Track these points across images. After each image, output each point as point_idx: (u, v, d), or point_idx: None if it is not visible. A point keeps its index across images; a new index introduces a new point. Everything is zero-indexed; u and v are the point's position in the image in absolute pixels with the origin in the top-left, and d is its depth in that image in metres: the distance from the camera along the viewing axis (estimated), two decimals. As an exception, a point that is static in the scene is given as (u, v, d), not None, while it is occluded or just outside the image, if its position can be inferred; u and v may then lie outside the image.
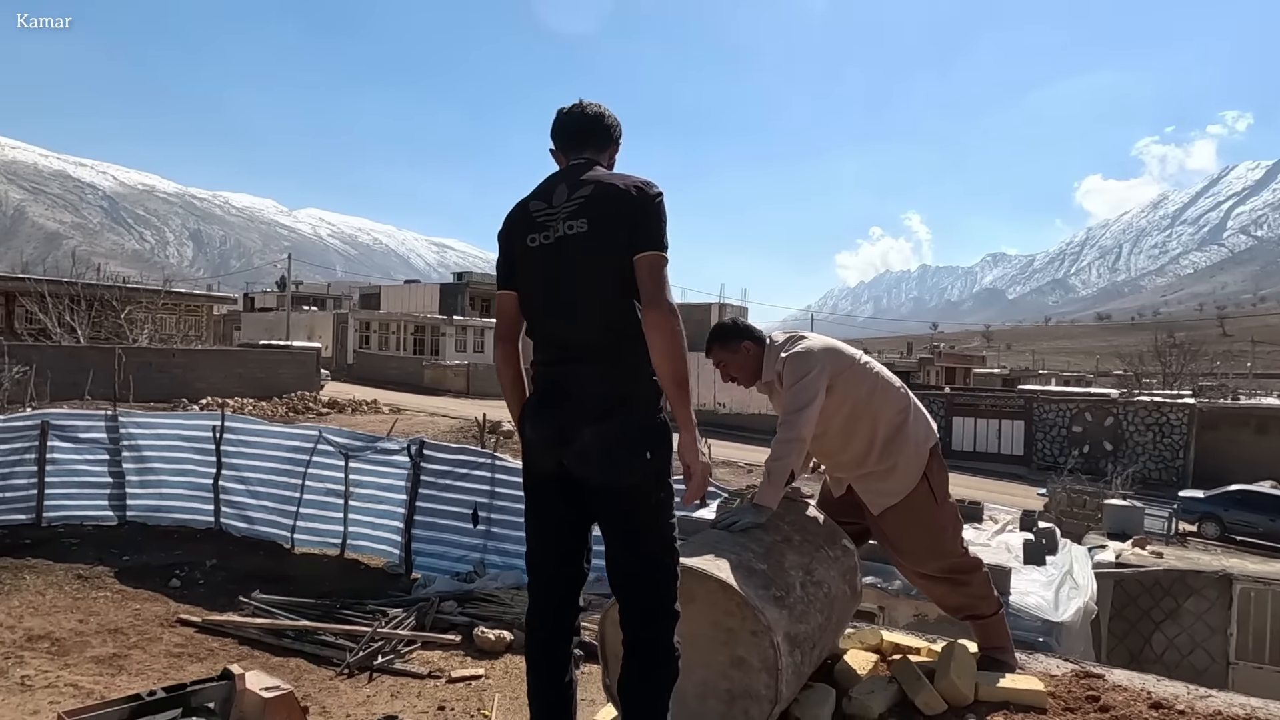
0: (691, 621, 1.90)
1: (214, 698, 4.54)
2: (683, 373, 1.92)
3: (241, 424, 11.31)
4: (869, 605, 5.94)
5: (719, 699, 1.87)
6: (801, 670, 1.94)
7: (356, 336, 42.58)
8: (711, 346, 2.83)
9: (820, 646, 2.12)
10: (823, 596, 2.16)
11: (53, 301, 23.98)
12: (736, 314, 39.43)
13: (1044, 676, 2.62)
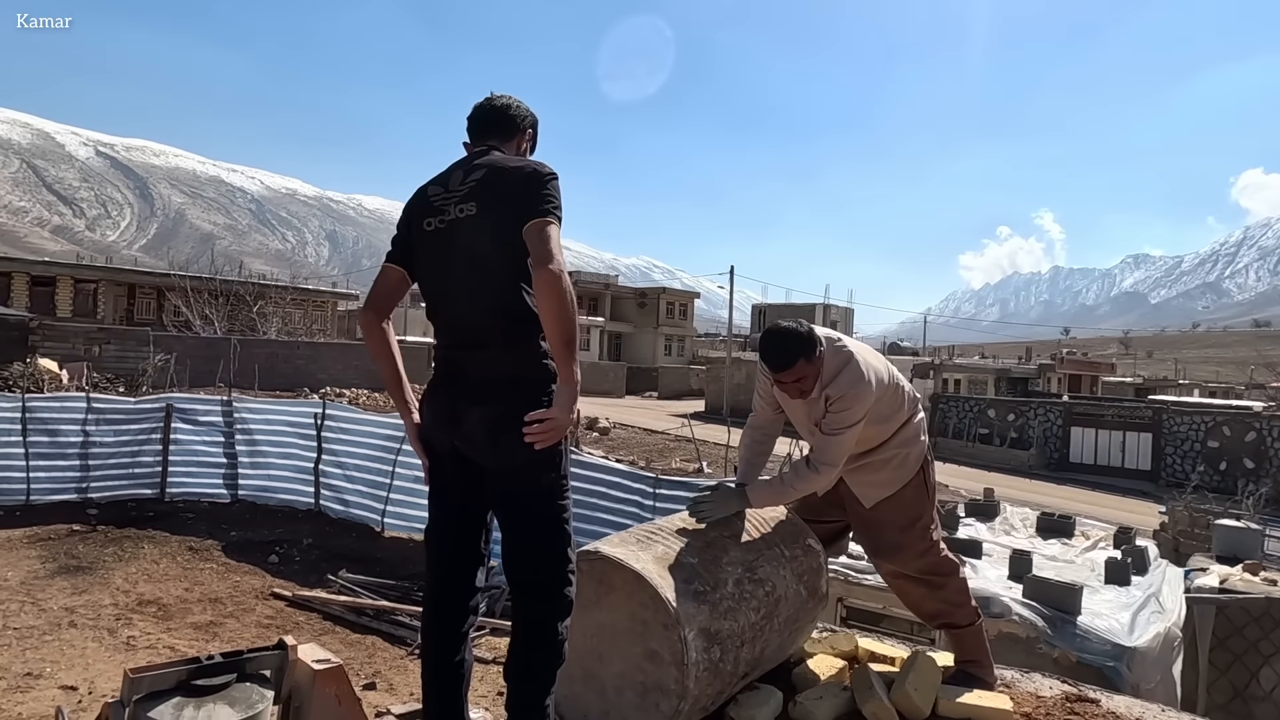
0: (612, 611, 1.90)
1: (268, 665, 4.82)
2: (570, 333, 1.88)
3: (340, 412, 11.95)
4: (906, 614, 5.71)
5: (634, 690, 1.85)
6: (721, 669, 1.89)
7: (469, 333, 44.22)
8: (796, 360, 2.42)
9: (759, 646, 2.05)
10: (763, 595, 2.09)
11: (194, 296, 26.01)
12: (842, 316, 38.53)
13: (1027, 696, 2.45)
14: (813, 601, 2.33)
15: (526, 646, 1.86)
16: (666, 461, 20.00)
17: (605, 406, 32.87)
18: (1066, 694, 2.52)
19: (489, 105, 2.22)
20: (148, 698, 4.95)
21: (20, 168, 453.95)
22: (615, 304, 53.55)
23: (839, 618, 6.00)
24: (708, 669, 1.84)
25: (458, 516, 2.04)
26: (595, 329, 49.21)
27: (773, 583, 2.15)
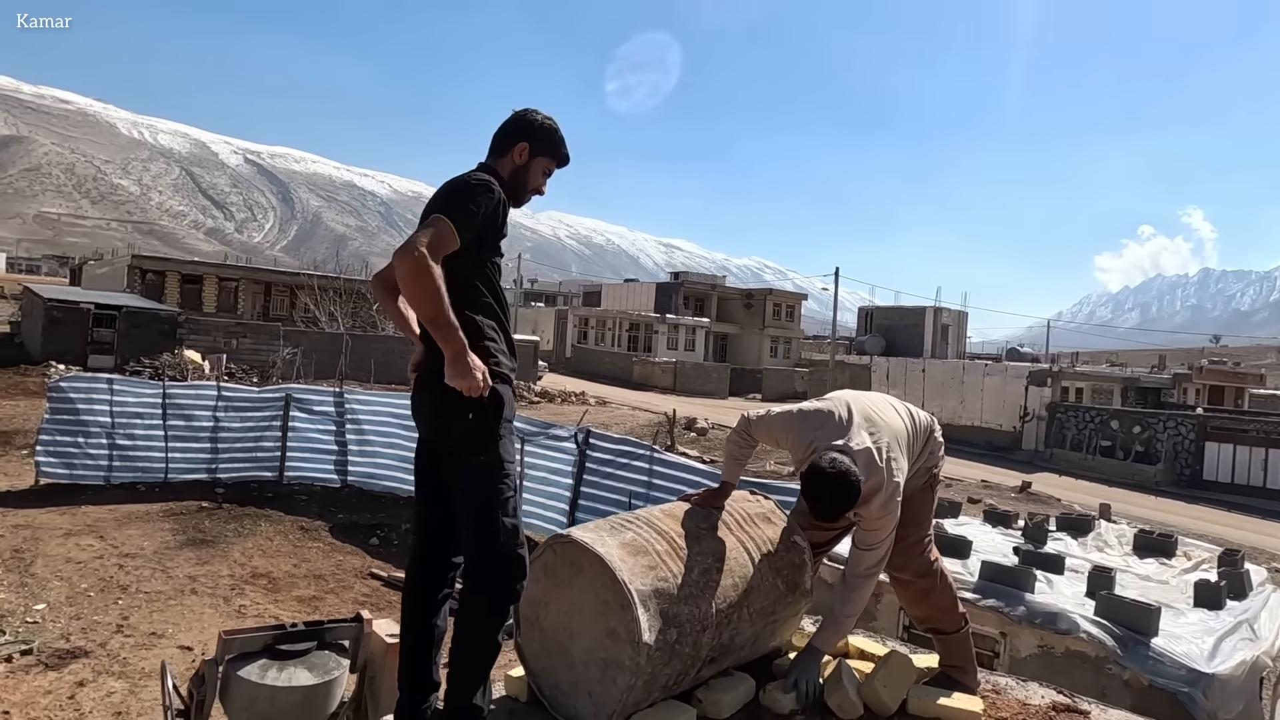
0: (581, 591, 2.04)
1: (346, 636, 5.22)
2: (426, 311, 2.02)
3: (363, 394, 12.59)
4: (989, 630, 5.55)
5: (597, 665, 1.99)
6: (679, 650, 2.00)
7: (575, 331, 45.11)
8: (845, 514, 2.32)
9: (726, 633, 2.15)
10: (730, 584, 2.18)
11: (321, 295, 27.78)
12: (954, 320, 37.07)
13: (1012, 703, 2.42)
14: (793, 596, 2.40)
15: (455, 634, 2.08)
16: (761, 464, 19.90)
17: (706, 407, 32.94)
18: (1055, 704, 2.48)
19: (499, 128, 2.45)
20: (239, 658, 5.45)
21: (180, 175, 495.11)
22: (722, 305, 53.43)
23: (901, 626, 5.91)
24: (662, 649, 1.96)
25: (428, 493, 2.26)
26: (700, 330, 49.27)
27: (743, 573, 2.24)
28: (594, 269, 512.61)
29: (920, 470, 2.65)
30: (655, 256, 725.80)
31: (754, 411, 2.70)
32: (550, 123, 2.45)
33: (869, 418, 2.47)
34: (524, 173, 2.42)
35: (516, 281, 69.13)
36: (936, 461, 2.73)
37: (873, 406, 2.55)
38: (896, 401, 2.77)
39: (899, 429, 2.53)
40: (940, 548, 6.49)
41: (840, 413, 2.45)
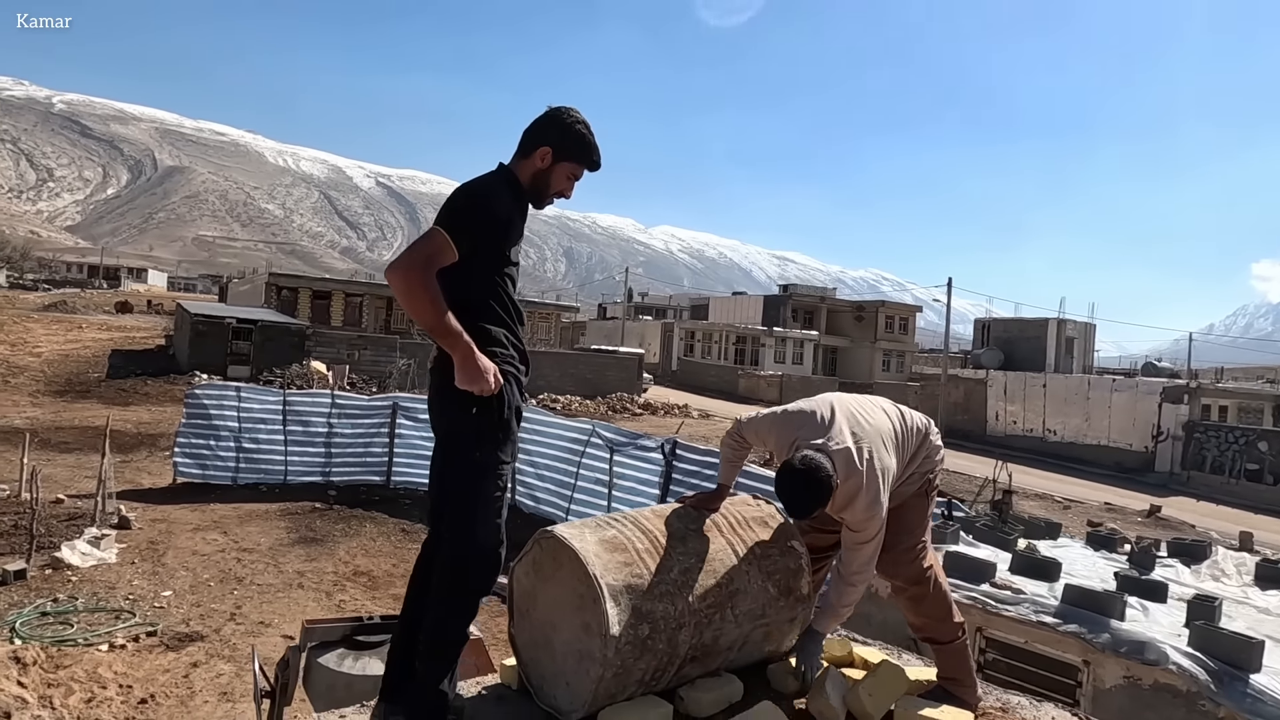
0: (561, 585, 2.11)
1: (419, 630, 5.45)
2: (425, 320, 2.10)
3: (534, 414, 12.94)
4: (1071, 657, 5.24)
5: (574, 657, 2.05)
6: (651, 646, 2.03)
7: (681, 344, 45.26)
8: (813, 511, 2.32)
9: (708, 633, 2.16)
10: (714, 585, 2.19)
11: (435, 308, 29.11)
12: (1080, 332, 34.90)
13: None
14: (786, 600, 2.39)
15: (439, 596, 2.15)
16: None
17: (811, 421, 32.29)
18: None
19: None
20: (319, 646, 5.82)
21: (319, 198, 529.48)
22: (831, 317, 52.37)
23: (978, 649, 5.67)
24: (632, 643, 2.01)
25: (438, 488, 2.34)
26: (809, 343, 48.42)
27: (730, 575, 2.26)
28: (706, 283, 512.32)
29: (914, 475, 2.59)
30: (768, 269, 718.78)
31: (746, 414, 2.71)
32: (580, 126, 2.36)
33: (852, 418, 2.45)
34: (545, 177, 2.37)
35: (627, 295, 69.96)
36: (933, 466, 2.65)
37: (858, 407, 2.53)
38: (888, 403, 2.72)
39: (885, 429, 2.49)
40: (1026, 570, 6.22)
41: (823, 413, 2.44)
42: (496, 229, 2.28)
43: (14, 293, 50.28)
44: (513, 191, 2.36)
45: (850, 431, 2.38)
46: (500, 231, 2.30)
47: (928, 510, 2.64)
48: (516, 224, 2.37)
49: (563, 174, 2.39)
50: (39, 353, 26.21)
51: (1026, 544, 7.10)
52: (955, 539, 6.82)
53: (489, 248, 2.29)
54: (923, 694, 2.41)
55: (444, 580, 2.17)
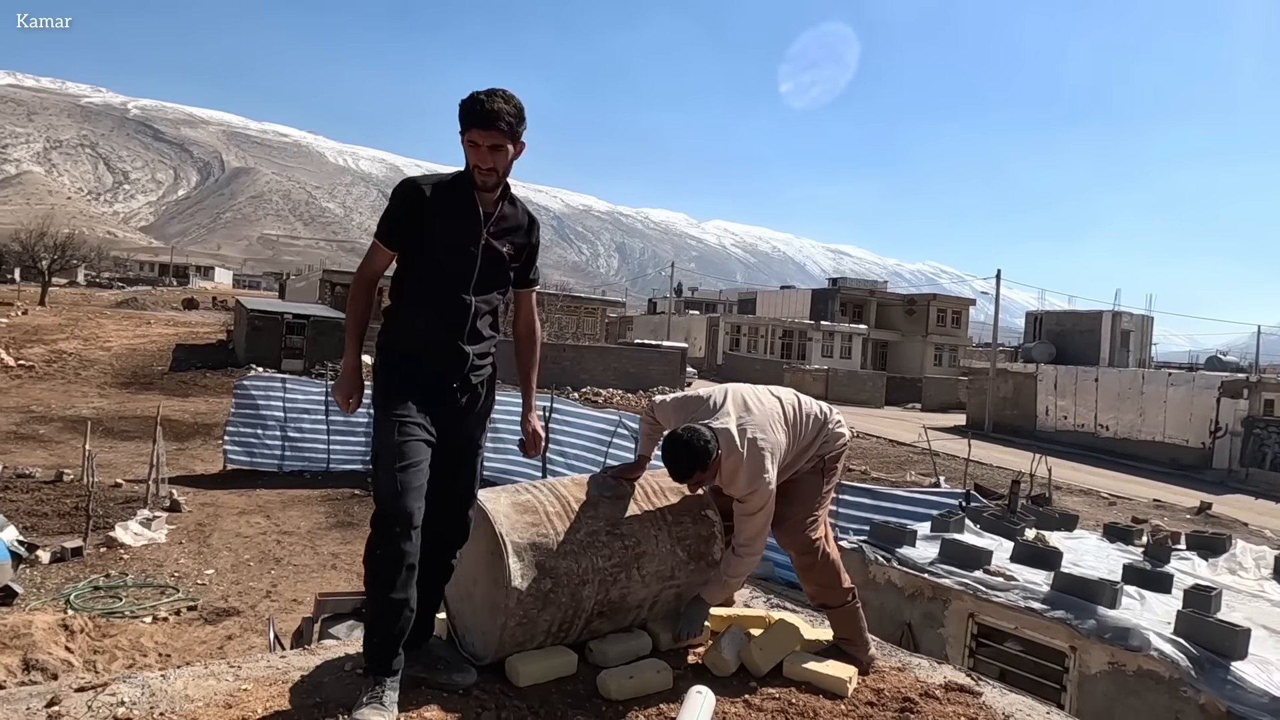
0: (478, 544, 2.31)
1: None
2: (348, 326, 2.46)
3: (566, 406, 13.24)
4: (1059, 643, 5.27)
5: (487, 609, 2.25)
6: (554, 599, 2.23)
7: (727, 339, 45.20)
8: (692, 473, 2.49)
9: (614, 590, 2.35)
10: (620, 547, 2.37)
11: (481, 303, 29.73)
12: (1137, 325, 33.77)
13: (908, 680, 2.41)
14: (697, 565, 2.56)
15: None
16: (902, 474, 19.23)
17: (857, 416, 32.07)
18: (950, 683, 2.46)
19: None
20: (331, 617, 6.17)
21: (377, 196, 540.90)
22: (881, 311, 51.67)
23: (969, 634, 5.73)
24: (534, 596, 2.22)
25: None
26: (857, 337, 47.88)
27: (637, 539, 2.44)
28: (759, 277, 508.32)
29: (811, 456, 2.74)
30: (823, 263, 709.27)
31: (659, 396, 2.92)
32: (466, 97, 2.33)
33: (743, 404, 2.62)
34: (467, 156, 2.35)
35: (676, 290, 69.96)
36: (833, 449, 2.80)
37: (752, 394, 2.70)
38: (789, 392, 2.88)
39: (774, 412, 2.65)
40: (1026, 559, 6.25)
41: (716, 398, 2.64)
42: (403, 214, 2.34)
43: (91, 290, 52.83)
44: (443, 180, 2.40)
45: (736, 415, 2.57)
46: (407, 220, 2.35)
47: (821, 487, 2.76)
48: (435, 212, 2.35)
49: (467, 147, 2.33)
50: (109, 347, 27.57)
51: (1036, 534, 7.09)
52: (960, 528, 6.86)
53: (409, 235, 2.36)
54: (817, 651, 2.56)
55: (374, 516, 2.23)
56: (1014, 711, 2.27)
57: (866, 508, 9.53)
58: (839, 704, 2.24)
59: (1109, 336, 29.79)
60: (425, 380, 2.36)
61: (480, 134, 2.28)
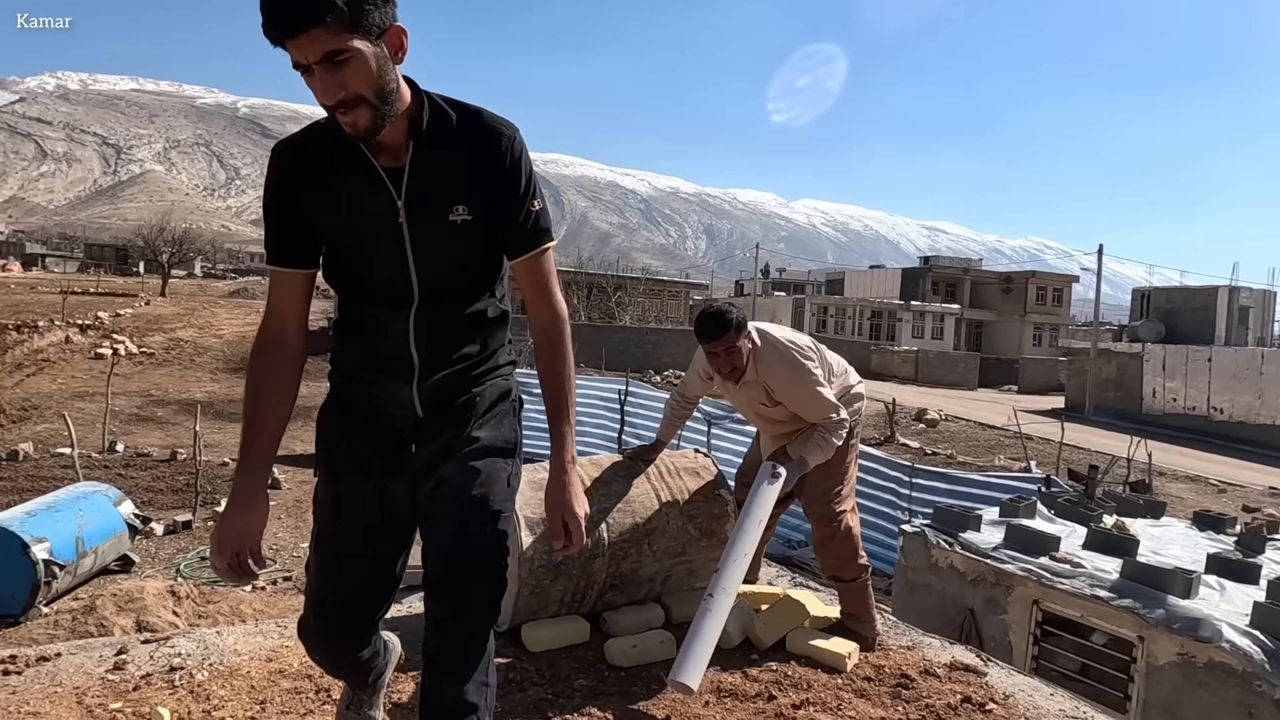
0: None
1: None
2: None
3: (640, 389, 13.43)
4: (1127, 633, 5.09)
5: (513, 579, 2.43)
6: (565, 570, 2.35)
7: (813, 320, 44.53)
8: (725, 332, 2.59)
9: (625, 564, 2.46)
10: (630, 523, 2.47)
11: (565, 289, 30.30)
12: (1257, 300, 31.48)
13: (913, 659, 2.41)
14: (708, 542, 2.65)
15: None
16: (990, 458, 18.64)
17: (946, 398, 31.19)
18: (956, 662, 2.45)
19: None
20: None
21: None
22: (976, 290, 49.79)
23: (1034, 621, 5.59)
24: (546, 567, 2.35)
25: None
26: (950, 316, 46.34)
27: (647, 515, 2.54)
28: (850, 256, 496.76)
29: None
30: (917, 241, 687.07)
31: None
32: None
33: (768, 328, 2.82)
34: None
35: (763, 271, 69.23)
36: (854, 417, 2.83)
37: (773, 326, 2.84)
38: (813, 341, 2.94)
39: (807, 344, 2.82)
40: (1100, 546, 6.07)
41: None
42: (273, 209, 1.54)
43: (206, 281, 56.35)
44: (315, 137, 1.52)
45: (772, 329, 2.81)
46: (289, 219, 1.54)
47: (846, 457, 2.79)
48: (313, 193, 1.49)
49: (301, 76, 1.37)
50: (221, 335, 29.41)
51: (1115, 521, 6.83)
52: (1031, 513, 6.67)
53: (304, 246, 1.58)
54: (823, 629, 2.61)
55: None
56: (1015, 691, 2.27)
57: (941, 491, 9.33)
58: (836, 678, 2.30)
59: (1225, 313, 27.92)
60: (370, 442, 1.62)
61: (293, 46, 1.30)
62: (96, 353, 23.69)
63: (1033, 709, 2.15)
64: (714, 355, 2.69)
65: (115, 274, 57.02)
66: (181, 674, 2.05)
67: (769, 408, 2.79)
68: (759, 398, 2.77)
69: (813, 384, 2.68)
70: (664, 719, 2.01)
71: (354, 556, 1.61)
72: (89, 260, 72.27)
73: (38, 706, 1.82)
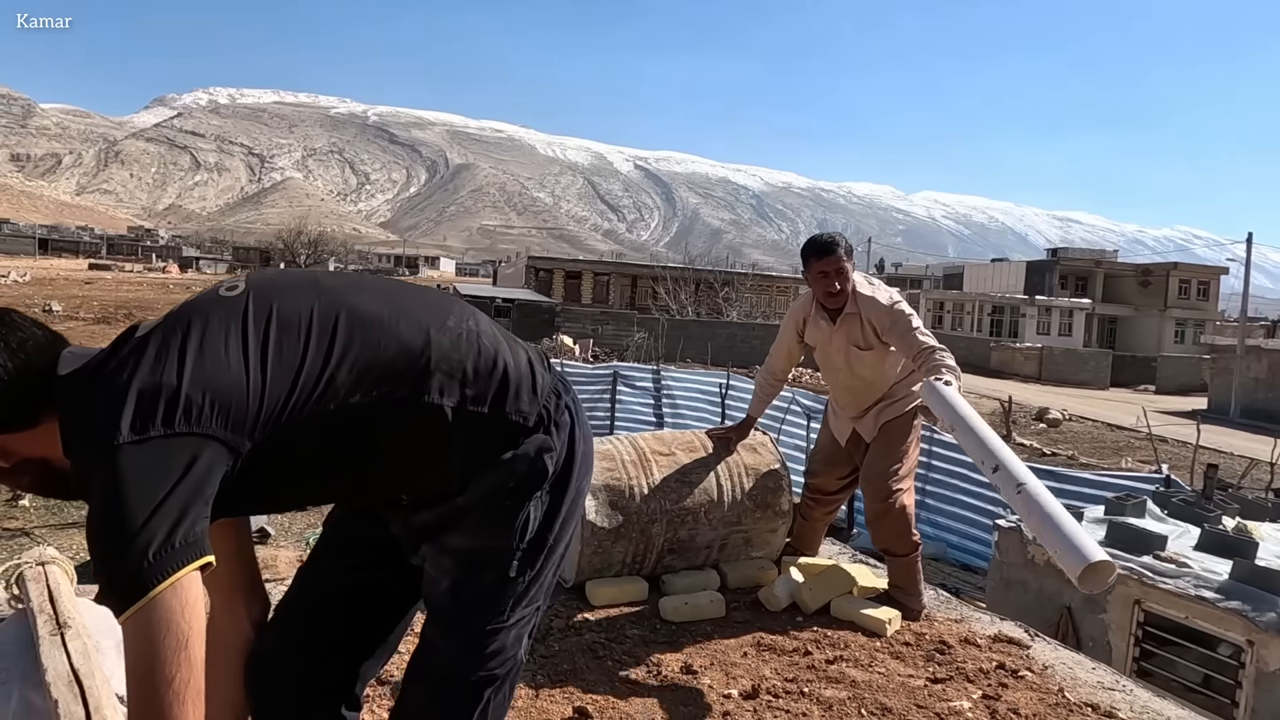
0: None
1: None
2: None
3: (740, 383, 13.53)
4: (1236, 637, 4.83)
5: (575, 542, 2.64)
6: (625, 533, 2.54)
7: (929, 316, 43.10)
8: (837, 249, 2.78)
9: (683, 531, 2.64)
10: (688, 493, 2.63)
11: (674, 285, 30.55)
12: None
13: (959, 630, 2.45)
14: (763, 514, 2.78)
15: None
16: (1116, 460, 17.65)
17: (1072, 398, 29.60)
18: (1000, 634, 2.47)
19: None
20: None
21: (583, 184, 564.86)
22: (1109, 283, 46.78)
23: (1135, 622, 5.38)
24: (608, 530, 2.56)
25: None
26: (1079, 312, 43.75)
27: (705, 486, 2.70)
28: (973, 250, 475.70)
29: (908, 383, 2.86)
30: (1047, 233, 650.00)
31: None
32: None
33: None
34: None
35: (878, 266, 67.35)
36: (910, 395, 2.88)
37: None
38: None
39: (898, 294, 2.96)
40: (1214, 547, 5.82)
41: None
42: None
43: (337, 281, 59.86)
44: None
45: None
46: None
47: (908, 434, 2.84)
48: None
49: None
50: (350, 330, 31.39)
51: (1236, 523, 6.44)
52: (1139, 512, 6.38)
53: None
54: (870, 598, 2.70)
55: None
56: (1055, 663, 2.30)
57: (1050, 490, 9.01)
58: (875, 640, 2.40)
59: None
60: None
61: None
62: (242, 346, 25.79)
63: (1069, 679, 2.19)
64: (823, 275, 2.80)
65: (259, 274, 61.41)
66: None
67: (861, 350, 2.84)
68: (854, 337, 2.83)
69: (910, 316, 2.78)
70: (706, 665, 2.18)
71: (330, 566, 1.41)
72: (236, 262, 78.45)
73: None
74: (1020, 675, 2.16)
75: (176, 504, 0.98)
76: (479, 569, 1.29)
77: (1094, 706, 2.00)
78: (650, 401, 14.43)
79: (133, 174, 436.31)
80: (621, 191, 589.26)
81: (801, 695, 1.97)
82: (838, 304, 2.83)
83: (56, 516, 9.29)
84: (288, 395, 1.12)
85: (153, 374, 1.03)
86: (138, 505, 0.96)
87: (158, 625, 0.94)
